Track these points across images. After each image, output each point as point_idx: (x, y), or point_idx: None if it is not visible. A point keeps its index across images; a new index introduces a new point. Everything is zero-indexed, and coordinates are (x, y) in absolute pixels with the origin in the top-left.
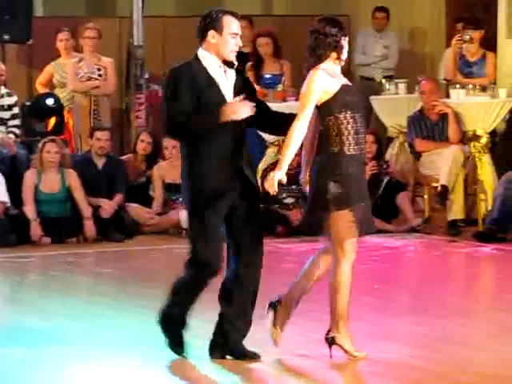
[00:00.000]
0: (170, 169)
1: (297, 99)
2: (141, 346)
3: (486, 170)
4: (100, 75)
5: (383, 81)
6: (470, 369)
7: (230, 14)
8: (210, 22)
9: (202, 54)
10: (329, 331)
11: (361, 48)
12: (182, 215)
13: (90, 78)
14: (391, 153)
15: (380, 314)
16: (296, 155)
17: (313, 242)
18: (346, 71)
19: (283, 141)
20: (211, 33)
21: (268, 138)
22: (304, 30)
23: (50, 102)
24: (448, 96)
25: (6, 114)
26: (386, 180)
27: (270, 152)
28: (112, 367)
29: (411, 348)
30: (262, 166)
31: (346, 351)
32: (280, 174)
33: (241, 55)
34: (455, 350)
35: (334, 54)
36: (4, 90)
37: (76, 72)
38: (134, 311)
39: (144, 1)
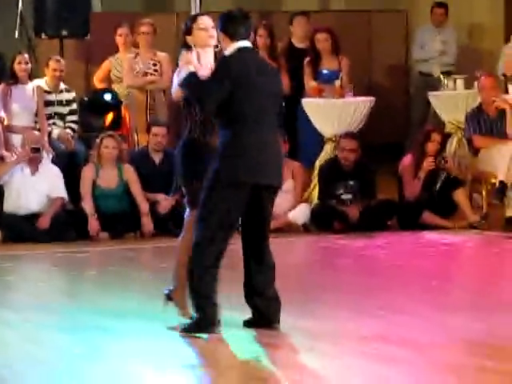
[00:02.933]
0: None
1: (354, 95)
2: (200, 343)
3: None
4: (156, 70)
5: (441, 76)
6: None
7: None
8: None
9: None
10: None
11: (419, 43)
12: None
13: (145, 74)
14: (449, 149)
15: (437, 311)
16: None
17: (370, 237)
18: (404, 66)
19: (340, 137)
20: None
21: (326, 134)
22: (362, 25)
23: (107, 97)
24: (507, 92)
25: (65, 110)
26: (443, 176)
27: (328, 148)
28: (168, 368)
29: (468, 344)
30: (318, 162)
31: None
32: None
33: (297, 51)
34: None
35: None
36: (63, 86)
37: (132, 67)
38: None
39: None
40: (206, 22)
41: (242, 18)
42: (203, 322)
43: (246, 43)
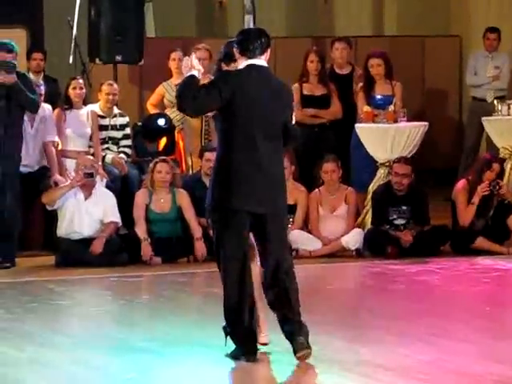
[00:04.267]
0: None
1: (408, 120)
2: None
3: None
4: None
5: (495, 102)
6: None
7: None
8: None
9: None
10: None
11: (473, 69)
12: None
13: None
14: (503, 174)
15: (491, 337)
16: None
17: (424, 263)
18: (457, 92)
19: (393, 161)
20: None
21: (379, 159)
22: (415, 51)
23: (161, 122)
24: None
25: (119, 134)
26: (497, 201)
27: (381, 173)
28: None
29: None
30: (371, 187)
31: None
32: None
33: (339, 77)
34: None
35: None
36: (117, 111)
37: None
38: None
39: (255, 21)
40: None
41: (255, 36)
42: (240, 351)
43: (258, 61)
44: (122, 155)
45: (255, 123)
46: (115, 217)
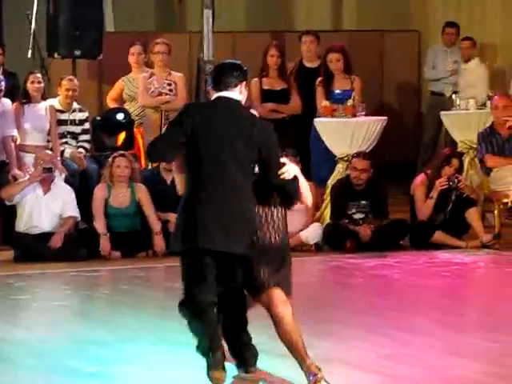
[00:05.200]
0: None
1: (366, 114)
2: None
3: None
4: (170, 90)
5: (453, 96)
6: None
7: None
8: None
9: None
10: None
11: (431, 63)
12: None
13: (160, 93)
14: (462, 168)
15: (450, 330)
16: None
17: (383, 257)
18: (416, 86)
19: (352, 156)
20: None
21: (338, 153)
22: (374, 45)
23: (120, 116)
24: None
25: (77, 129)
26: (455, 195)
27: (340, 168)
28: None
29: (480, 364)
30: (330, 181)
31: None
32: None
33: (308, 70)
34: None
35: None
36: (76, 106)
37: (147, 87)
38: None
39: (214, 16)
40: None
41: (228, 70)
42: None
43: (227, 93)
44: (80, 150)
45: (218, 157)
46: (74, 211)
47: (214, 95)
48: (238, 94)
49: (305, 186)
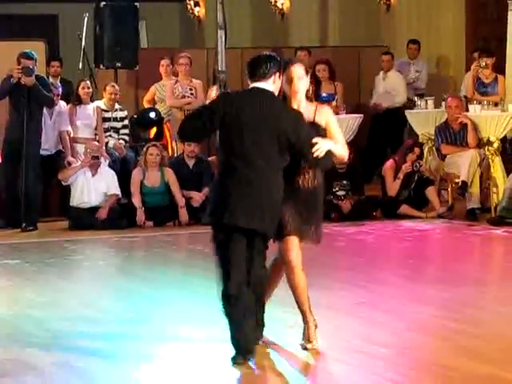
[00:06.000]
0: None
1: (347, 112)
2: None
3: (497, 169)
4: (192, 94)
5: (415, 98)
6: (482, 326)
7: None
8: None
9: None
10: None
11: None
12: None
13: (183, 96)
14: (423, 155)
15: (413, 283)
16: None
17: (360, 225)
18: None
19: None
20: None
21: None
22: (353, 58)
23: (152, 115)
24: (467, 110)
25: (119, 125)
26: (417, 177)
27: None
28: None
29: (436, 309)
30: None
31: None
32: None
33: None
34: (471, 312)
35: None
36: (117, 106)
37: (173, 91)
38: None
39: (226, 35)
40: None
41: (261, 61)
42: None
43: (261, 84)
44: (121, 141)
45: (246, 141)
46: (116, 190)
47: (250, 85)
48: (271, 84)
49: (339, 149)
